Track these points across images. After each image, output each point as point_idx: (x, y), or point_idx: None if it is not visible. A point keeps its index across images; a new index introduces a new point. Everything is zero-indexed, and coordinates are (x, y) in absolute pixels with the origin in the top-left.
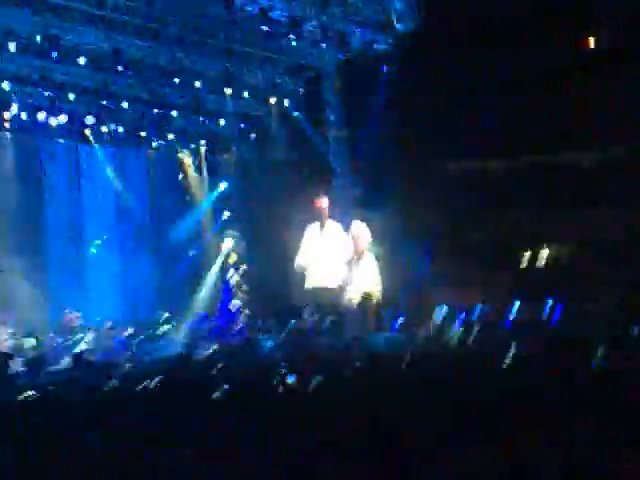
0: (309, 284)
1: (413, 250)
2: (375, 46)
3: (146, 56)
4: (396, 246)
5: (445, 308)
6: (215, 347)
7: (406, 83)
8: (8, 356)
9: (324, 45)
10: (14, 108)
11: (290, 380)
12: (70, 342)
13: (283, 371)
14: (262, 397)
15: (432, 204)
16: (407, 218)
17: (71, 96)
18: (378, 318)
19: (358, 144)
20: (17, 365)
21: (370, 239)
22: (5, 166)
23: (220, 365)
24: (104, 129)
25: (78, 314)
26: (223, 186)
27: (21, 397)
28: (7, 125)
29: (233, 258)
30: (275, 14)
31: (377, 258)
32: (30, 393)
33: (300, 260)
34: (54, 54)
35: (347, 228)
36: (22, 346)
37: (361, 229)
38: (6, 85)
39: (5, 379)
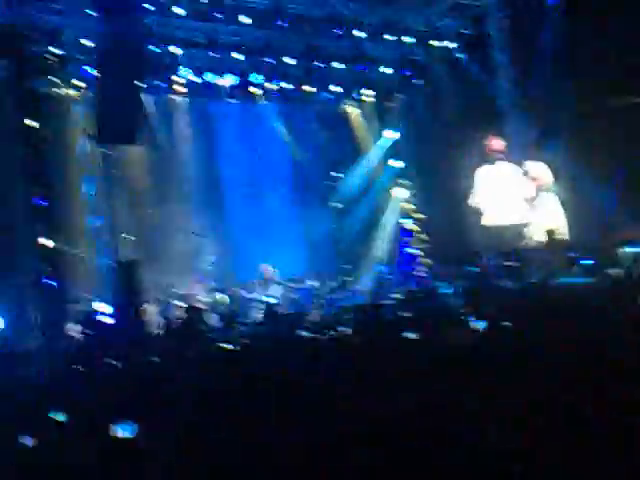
0: (486, 222)
1: (597, 188)
2: None
3: (306, 9)
4: (578, 185)
5: (636, 246)
6: (398, 295)
7: (576, 15)
8: (203, 311)
9: None
10: (184, 72)
11: (480, 325)
12: (259, 296)
13: (470, 318)
14: (452, 341)
15: (613, 139)
16: (588, 155)
17: (237, 56)
18: (565, 258)
19: (529, 82)
20: (212, 320)
21: (551, 179)
22: (181, 129)
23: (405, 311)
24: (271, 86)
25: (272, 267)
26: (392, 134)
27: (216, 350)
28: (179, 89)
29: (408, 206)
30: None
31: (560, 198)
32: (225, 346)
33: (475, 199)
34: (219, 15)
35: (523, 169)
36: (216, 302)
37: (539, 169)
38: (175, 49)
39: (201, 333)
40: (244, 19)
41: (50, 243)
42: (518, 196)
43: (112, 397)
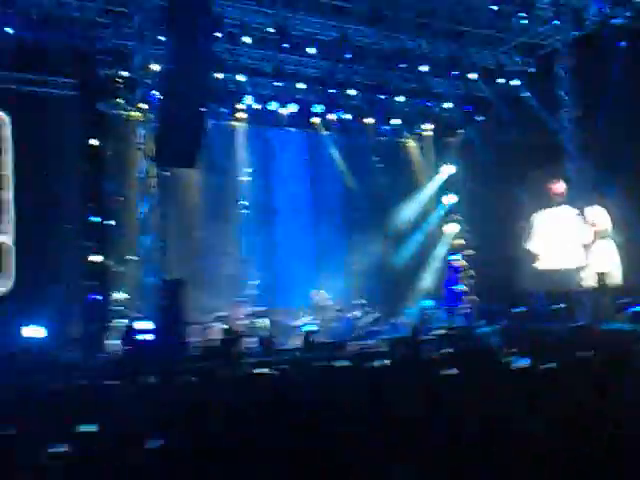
0: (541, 265)
1: None
2: (612, 21)
3: (372, 42)
4: (635, 231)
5: None
6: (440, 331)
7: None
8: (242, 335)
9: (557, 22)
10: (248, 99)
11: (522, 362)
12: (300, 322)
13: (512, 354)
14: (490, 376)
15: None
16: None
17: (301, 86)
18: (614, 305)
19: (593, 124)
20: (251, 344)
21: (609, 225)
22: (239, 154)
23: (445, 348)
24: (331, 116)
25: (325, 293)
26: (449, 170)
27: (254, 373)
28: (241, 116)
29: (459, 242)
30: None
31: (617, 244)
32: (264, 370)
33: (532, 243)
34: (285, 45)
35: (583, 213)
36: (257, 326)
37: (598, 215)
38: (241, 77)
39: (239, 356)
40: (310, 50)
41: (99, 258)
42: (575, 241)
43: (146, 412)
